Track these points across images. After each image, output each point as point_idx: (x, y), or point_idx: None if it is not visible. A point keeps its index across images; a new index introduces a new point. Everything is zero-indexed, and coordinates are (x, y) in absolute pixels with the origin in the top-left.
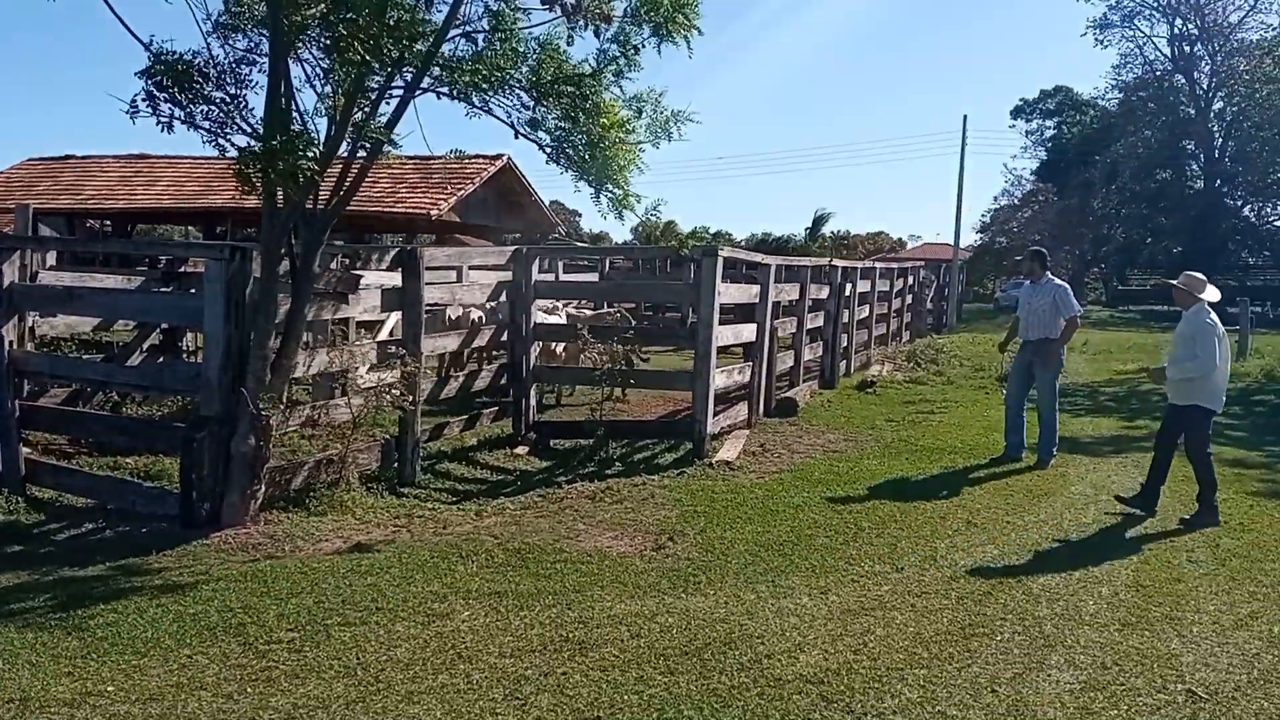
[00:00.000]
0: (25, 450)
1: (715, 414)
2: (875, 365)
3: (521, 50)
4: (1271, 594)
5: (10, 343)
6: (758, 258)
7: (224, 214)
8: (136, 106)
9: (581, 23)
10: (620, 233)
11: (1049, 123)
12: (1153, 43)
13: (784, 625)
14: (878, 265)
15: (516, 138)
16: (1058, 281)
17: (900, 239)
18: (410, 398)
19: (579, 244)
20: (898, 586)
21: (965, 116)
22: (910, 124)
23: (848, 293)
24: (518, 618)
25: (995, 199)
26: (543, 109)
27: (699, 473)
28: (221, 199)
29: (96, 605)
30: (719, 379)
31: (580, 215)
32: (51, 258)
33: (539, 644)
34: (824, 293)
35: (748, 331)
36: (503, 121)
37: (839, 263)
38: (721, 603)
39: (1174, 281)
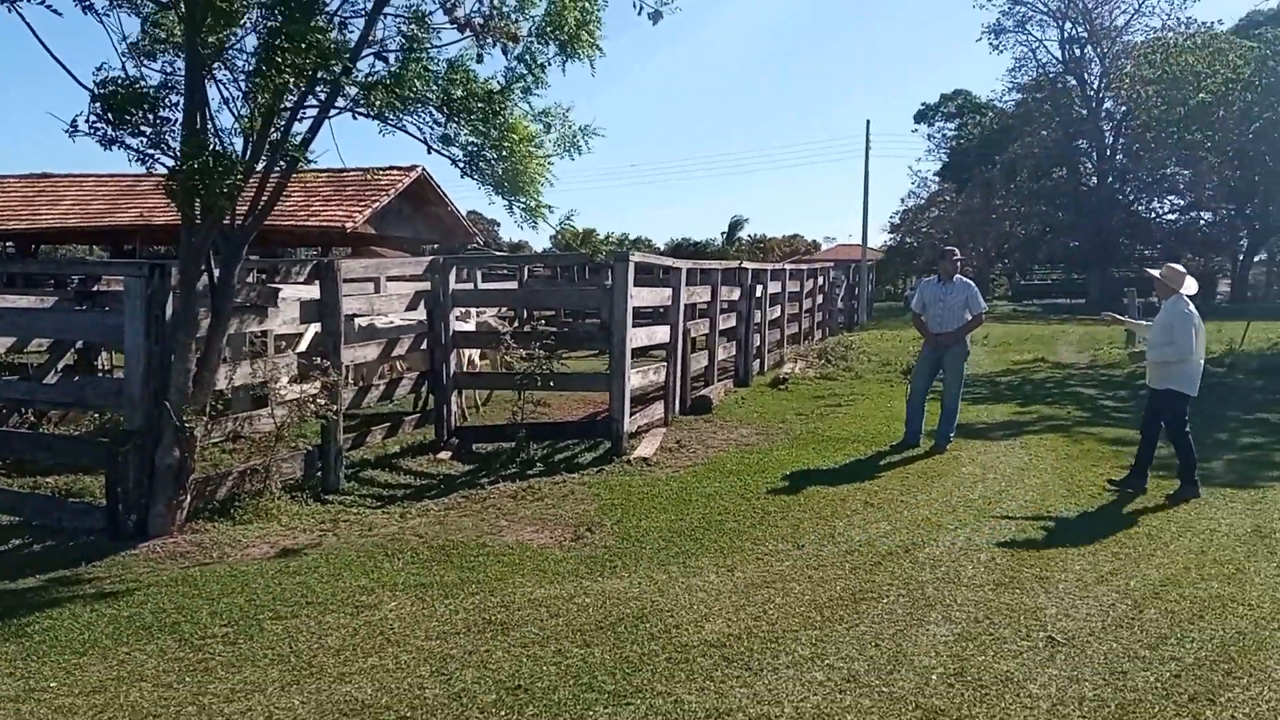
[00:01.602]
0: None
1: (632, 413)
2: (788, 363)
3: (433, 69)
4: (1133, 554)
5: None
6: (669, 262)
7: (132, 231)
8: (78, 126)
9: (490, 41)
10: (540, 241)
11: (950, 125)
12: (1044, 46)
13: (692, 600)
14: (788, 267)
15: (430, 153)
16: (967, 280)
17: (815, 241)
18: (333, 407)
19: (497, 253)
20: (798, 562)
21: (868, 121)
22: (818, 129)
23: (759, 294)
24: (443, 605)
25: (902, 200)
26: (455, 125)
27: (617, 469)
28: (129, 217)
29: (32, 613)
30: (635, 379)
31: (499, 225)
32: None
33: (463, 627)
34: (736, 294)
35: (661, 333)
36: (415, 138)
37: (749, 265)
38: (635, 583)
39: (1155, 273)
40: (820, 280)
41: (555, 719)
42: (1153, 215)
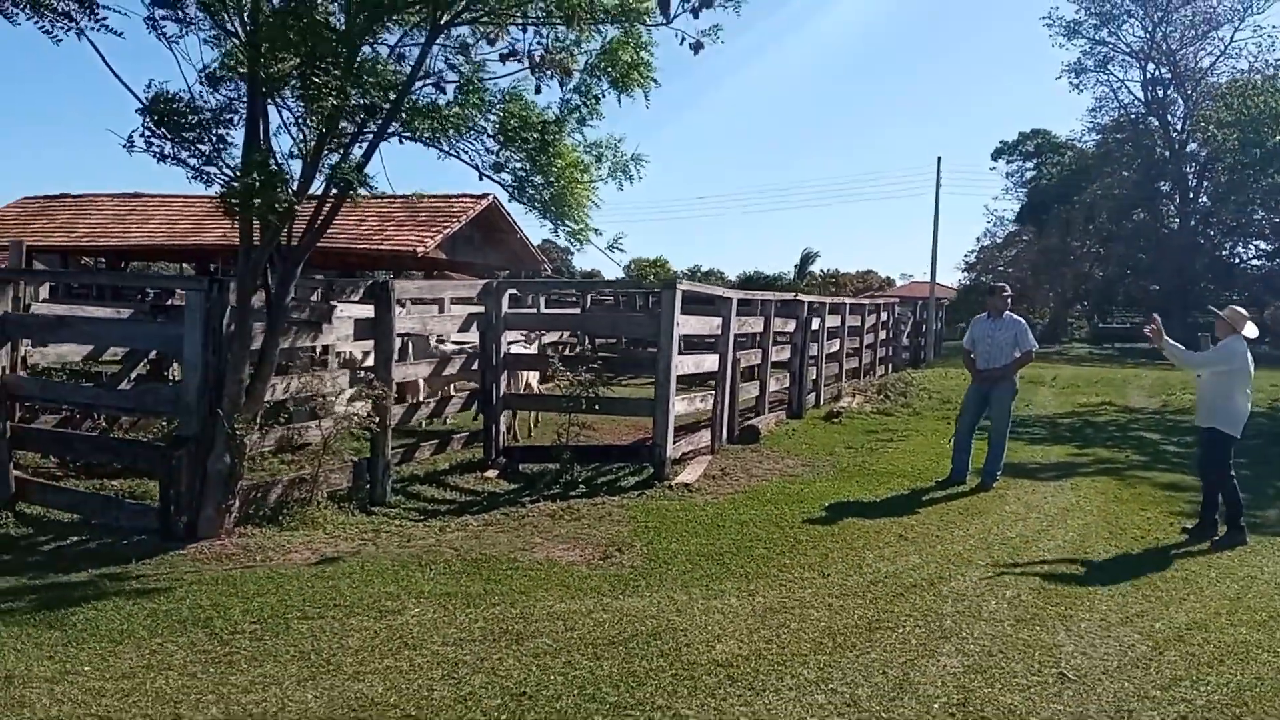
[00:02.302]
0: (15, 471)
1: (677, 440)
2: (846, 397)
3: (489, 100)
4: (1164, 597)
5: (3, 368)
6: (719, 291)
7: (216, 251)
8: (133, 142)
9: (547, 74)
10: (614, 270)
11: (1028, 164)
12: (1126, 87)
13: (708, 621)
14: (847, 301)
15: (481, 179)
16: (1017, 317)
17: (889, 277)
18: (379, 421)
19: (556, 279)
20: (820, 590)
21: (939, 158)
22: (893, 164)
23: (815, 327)
24: (463, 614)
25: (978, 239)
26: (507, 153)
27: (658, 494)
28: (213, 237)
29: (78, 604)
30: (680, 406)
31: (573, 254)
32: (45, 291)
33: (480, 635)
34: (790, 326)
35: (710, 362)
36: (467, 164)
37: (805, 298)
38: (654, 602)
39: (1219, 312)
40: (885, 316)
41: None
42: (1237, 260)
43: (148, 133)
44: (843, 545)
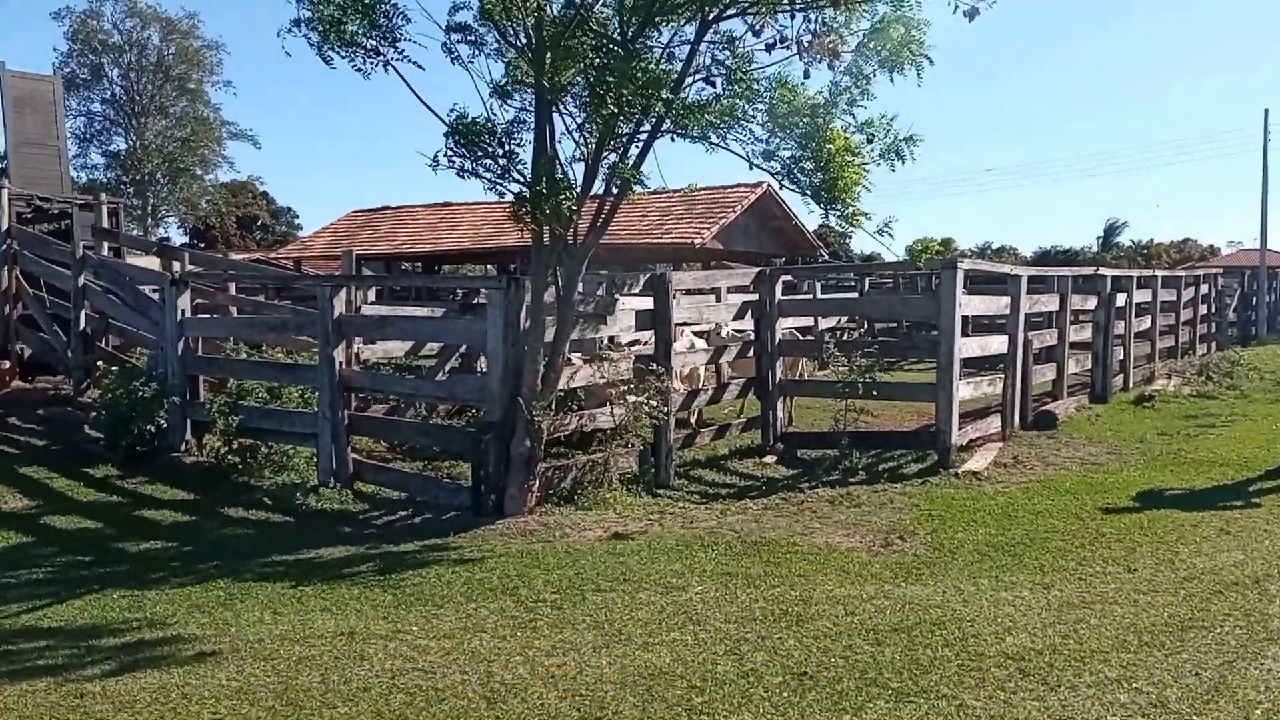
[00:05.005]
0: (352, 454)
1: (962, 426)
2: (1159, 379)
3: (757, 90)
4: None
5: (340, 363)
6: (1006, 268)
7: (515, 252)
8: (438, 160)
9: (815, 58)
10: (894, 253)
11: None
12: None
13: (997, 613)
14: (1159, 274)
15: (751, 169)
16: None
17: (1213, 245)
18: (663, 409)
19: (830, 263)
20: (1125, 585)
21: (1266, 110)
22: (1213, 121)
23: (1120, 303)
24: (744, 593)
25: None
26: (776, 140)
27: (942, 482)
28: (512, 239)
29: (405, 571)
30: (965, 390)
31: (850, 237)
32: (372, 294)
33: (760, 615)
34: (1091, 304)
35: (997, 343)
36: (738, 155)
37: (1108, 271)
38: (939, 592)
39: None
40: (1205, 289)
41: (836, 706)
42: None
43: (450, 152)
44: (1152, 538)
